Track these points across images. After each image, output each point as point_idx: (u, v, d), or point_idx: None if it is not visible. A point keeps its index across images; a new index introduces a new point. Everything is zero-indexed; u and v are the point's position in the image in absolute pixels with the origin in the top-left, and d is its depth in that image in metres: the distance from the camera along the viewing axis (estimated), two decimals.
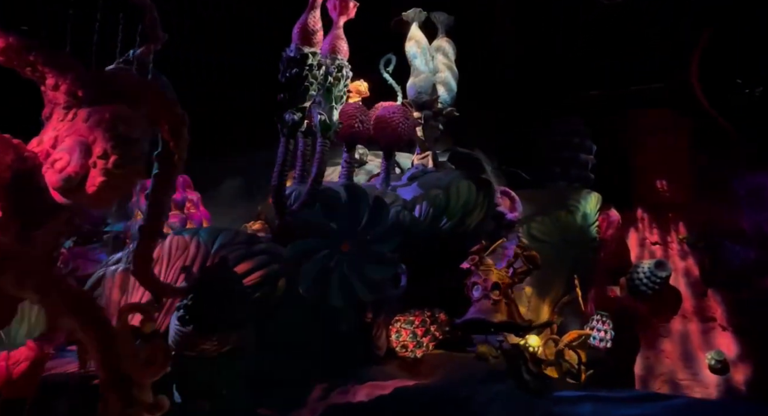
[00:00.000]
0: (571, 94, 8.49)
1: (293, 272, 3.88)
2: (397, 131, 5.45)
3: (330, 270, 3.98)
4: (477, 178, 5.62)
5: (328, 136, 4.76)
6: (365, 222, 4.20)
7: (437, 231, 5.32)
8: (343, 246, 4.08)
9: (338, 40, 4.87)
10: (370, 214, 4.19)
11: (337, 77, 4.76)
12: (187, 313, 3.45)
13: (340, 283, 3.99)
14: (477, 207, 5.49)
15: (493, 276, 5.10)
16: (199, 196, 5.39)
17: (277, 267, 3.80)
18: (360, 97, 5.79)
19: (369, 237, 4.22)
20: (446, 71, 6.23)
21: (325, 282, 3.93)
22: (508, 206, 6.83)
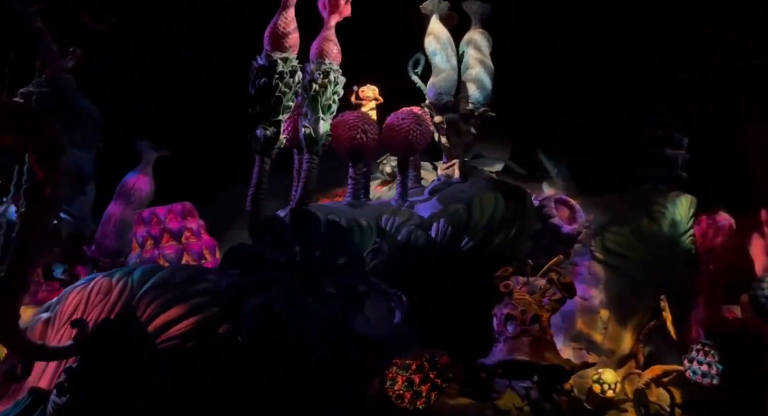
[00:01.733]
0: (652, 80, 7.23)
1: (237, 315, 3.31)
2: (408, 139, 4.77)
3: (278, 311, 3.35)
4: (507, 188, 4.78)
5: (315, 152, 4.21)
6: (320, 251, 3.54)
7: (457, 253, 4.56)
8: (293, 280, 3.44)
9: (326, 43, 4.32)
10: (325, 242, 3.52)
11: (324, 84, 4.20)
12: (68, 380, 2.80)
13: (290, 326, 3.36)
14: (507, 222, 4.65)
15: (532, 307, 4.23)
16: (201, 224, 5.05)
17: (218, 311, 3.24)
18: (374, 104, 5.19)
19: (325, 268, 3.56)
20: (478, 67, 5.44)
21: (271, 326, 3.32)
22: (566, 217, 5.85)
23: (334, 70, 4.27)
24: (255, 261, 3.38)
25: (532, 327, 4.13)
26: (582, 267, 6.42)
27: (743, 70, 7.23)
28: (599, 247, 6.25)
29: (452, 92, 5.10)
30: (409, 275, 4.57)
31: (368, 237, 4.53)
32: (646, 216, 6.31)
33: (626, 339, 6.20)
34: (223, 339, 3.15)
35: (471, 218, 4.57)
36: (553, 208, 5.64)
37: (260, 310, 3.21)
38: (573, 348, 6.15)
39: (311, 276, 3.45)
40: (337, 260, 3.54)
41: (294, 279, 3.40)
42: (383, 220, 4.61)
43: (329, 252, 3.48)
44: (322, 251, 3.49)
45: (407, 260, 4.54)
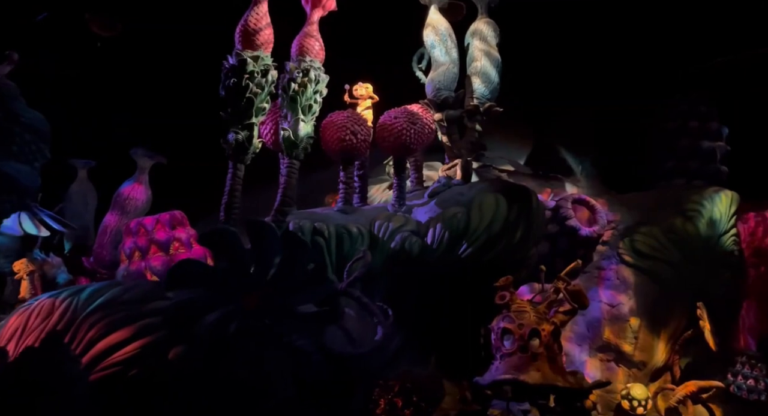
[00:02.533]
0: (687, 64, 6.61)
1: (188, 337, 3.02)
2: (401, 139, 4.45)
3: (232, 334, 3.02)
4: (510, 190, 4.38)
5: (295, 155, 3.94)
6: (277, 268, 3.21)
7: (455, 261, 4.21)
8: (247, 300, 3.13)
9: (307, 39, 4.05)
10: (285, 256, 3.20)
11: (303, 83, 3.93)
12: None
13: (246, 352, 3.03)
14: (510, 227, 4.26)
15: (531, 320, 3.83)
16: (192, 234, 4.83)
17: (168, 334, 2.96)
18: (369, 103, 4.88)
19: (282, 287, 3.23)
20: (483, 59, 5.07)
21: (224, 352, 2.99)
22: (585, 218, 5.40)
23: (315, 67, 3.99)
24: (203, 278, 3.10)
25: (532, 342, 3.73)
26: (609, 271, 5.95)
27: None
28: (628, 250, 5.78)
29: (452, 87, 4.75)
30: (403, 285, 4.26)
31: (359, 245, 4.24)
32: (680, 214, 5.78)
33: (660, 350, 5.70)
34: (173, 367, 2.88)
35: (470, 223, 4.21)
36: (570, 208, 5.21)
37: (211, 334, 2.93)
38: (600, 359, 5.71)
39: (271, 294, 3.15)
40: (299, 275, 3.22)
41: (250, 298, 3.10)
42: (376, 226, 4.31)
43: (290, 267, 3.18)
44: (282, 266, 3.17)
45: (400, 269, 4.23)
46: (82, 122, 6.30)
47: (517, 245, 4.29)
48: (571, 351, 5.75)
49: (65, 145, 6.06)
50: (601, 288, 5.96)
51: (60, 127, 5.58)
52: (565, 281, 3.99)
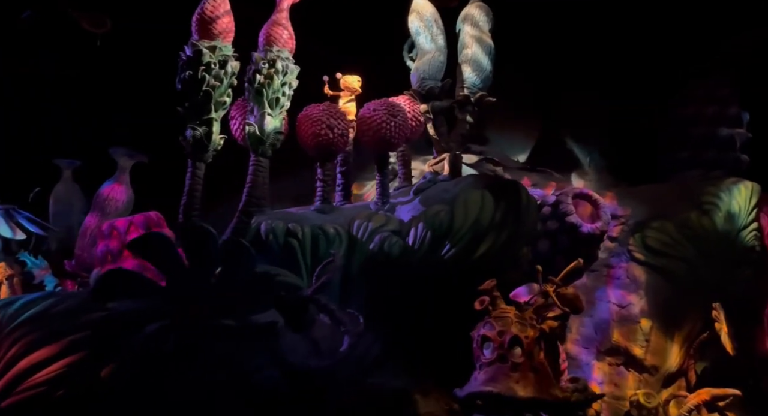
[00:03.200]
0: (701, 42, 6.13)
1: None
2: (380, 133, 4.17)
3: (170, 350, 2.76)
4: (497, 185, 4.07)
5: (262, 153, 3.70)
6: (219, 277, 2.94)
7: (438, 263, 3.92)
8: (187, 313, 2.85)
9: (275, 28, 3.81)
10: (225, 265, 2.93)
11: (269, 75, 3.69)
12: None
13: (186, 370, 2.77)
14: (497, 225, 3.95)
15: (512, 326, 3.52)
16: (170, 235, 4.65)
17: (98, 350, 2.70)
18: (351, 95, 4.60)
19: (227, 297, 2.97)
20: (474, 45, 4.74)
21: (162, 371, 2.72)
22: (587, 214, 5.04)
23: (282, 57, 3.74)
24: (135, 288, 2.86)
25: (513, 351, 3.43)
26: (619, 269, 5.63)
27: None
28: (639, 246, 5.48)
29: (438, 76, 4.45)
30: (383, 288, 3.99)
31: (336, 247, 3.98)
32: (696, 208, 5.43)
33: (673, 354, 5.35)
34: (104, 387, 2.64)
35: (453, 221, 3.92)
36: (570, 204, 4.85)
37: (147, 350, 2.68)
38: (609, 363, 5.40)
39: (214, 306, 2.89)
40: (245, 283, 2.96)
41: (191, 310, 2.85)
42: (355, 227, 4.05)
43: (233, 275, 2.92)
44: (224, 274, 2.91)
45: (380, 271, 3.96)
46: (77, 121, 6.18)
47: (505, 244, 3.98)
48: (577, 354, 5.44)
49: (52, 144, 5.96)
50: (609, 288, 5.63)
51: (47, 125, 5.45)
52: (555, 283, 3.67)
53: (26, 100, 5.91)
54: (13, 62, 5.78)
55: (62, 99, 5.92)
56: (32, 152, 5.63)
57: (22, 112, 5.76)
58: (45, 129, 5.48)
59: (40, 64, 6.07)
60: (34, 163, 5.33)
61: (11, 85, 5.82)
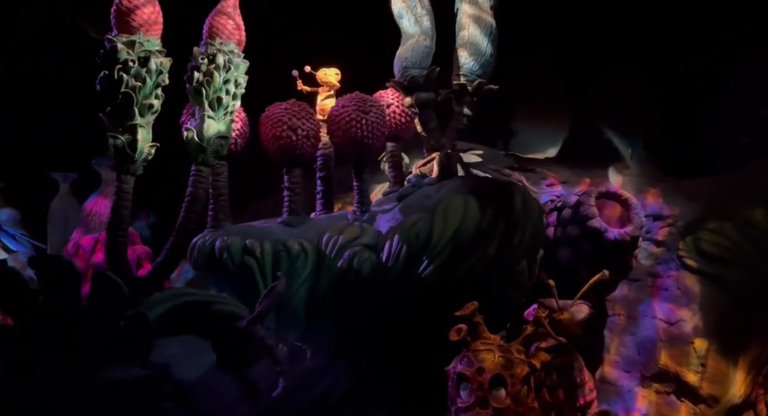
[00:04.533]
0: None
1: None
2: (349, 133, 3.62)
3: (36, 389, 2.30)
4: (486, 189, 3.41)
5: (202, 161, 3.25)
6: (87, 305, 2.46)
7: (416, 282, 3.33)
8: (45, 365, 2.35)
9: (218, 17, 3.36)
10: (90, 303, 2.43)
11: (209, 71, 3.24)
12: None
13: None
14: (483, 235, 3.31)
15: (494, 362, 2.86)
16: (144, 252, 4.32)
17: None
18: (329, 91, 4.08)
19: (96, 328, 2.47)
20: (471, 26, 4.10)
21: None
22: (616, 216, 4.27)
23: (225, 51, 3.27)
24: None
25: (495, 393, 2.77)
26: (667, 279, 4.80)
27: None
28: (690, 251, 4.65)
29: (424, 63, 3.83)
30: (354, 313, 3.45)
31: (301, 266, 3.49)
32: (760, 204, 4.51)
33: (737, 382, 4.47)
34: None
35: (432, 233, 3.31)
36: (592, 205, 4.10)
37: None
38: (656, 391, 4.60)
39: (78, 353, 2.41)
40: (115, 324, 2.48)
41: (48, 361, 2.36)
42: (324, 241, 3.53)
43: (98, 315, 2.45)
44: (90, 314, 2.44)
45: (349, 292, 3.42)
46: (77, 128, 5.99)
47: (496, 258, 3.33)
48: (617, 379, 4.68)
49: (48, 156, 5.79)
50: (656, 301, 4.82)
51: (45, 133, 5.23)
52: (546, 307, 2.99)
53: (26, 103, 5.76)
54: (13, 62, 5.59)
55: (62, 103, 5.74)
56: (31, 163, 5.45)
57: (21, 115, 5.60)
58: (44, 137, 5.28)
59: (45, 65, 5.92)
60: (32, 175, 5.14)
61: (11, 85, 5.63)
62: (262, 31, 5.04)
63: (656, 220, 4.95)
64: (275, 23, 4.91)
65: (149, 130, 3.09)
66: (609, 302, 4.86)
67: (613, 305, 4.91)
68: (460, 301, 3.18)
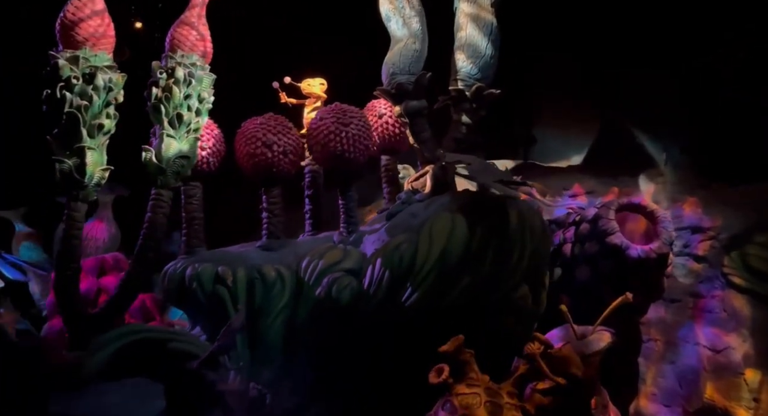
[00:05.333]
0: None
1: None
2: (328, 148, 3.30)
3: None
4: (477, 205, 3.00)
5: (161, 183, 2.99)
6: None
7: (399, 311, 2.96)
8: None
9: (180, 29, 3.12)
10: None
11: (168, 86, 2.99)
12: None
13: None
14: (473, 257, 2.91)
15: (480, 408, 2.45)
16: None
17: None
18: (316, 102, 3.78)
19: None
20: (469, 26, 3.73)
21: None
22: (641, 231, 3.79)
23: (186, 64, 3.02)
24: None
25: None
26: (710, 299, 4.26)
27: None
28: (738, 268, 4.13)
29: (413, 69, 3.47)
30: (333, 345, 3.10)
31: (278, 295, 3.18)
32: None
33: None
34: None
35: (416, 256, 2.94)
36: (611, 219, 3.65)
37: None
38: None
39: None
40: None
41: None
42: (303, 266, 3.21)
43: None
44: None
45: (329, 323, 3.09)
46: None
47: (489, 283, 2.92)
48: (655, 414, 4.16)
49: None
50: (698, 325, 4.27)
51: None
52: (542, 342, 2.55)
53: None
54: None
55: None
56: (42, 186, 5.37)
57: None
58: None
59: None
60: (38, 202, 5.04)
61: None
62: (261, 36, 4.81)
63: (695, 233, 4.39)
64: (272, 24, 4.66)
65: (102, 152, 2.86)
66: (643, 325, 4.34)
67: (648, 329, 4.37)
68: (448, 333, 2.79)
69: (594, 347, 3.41)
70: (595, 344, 3.43)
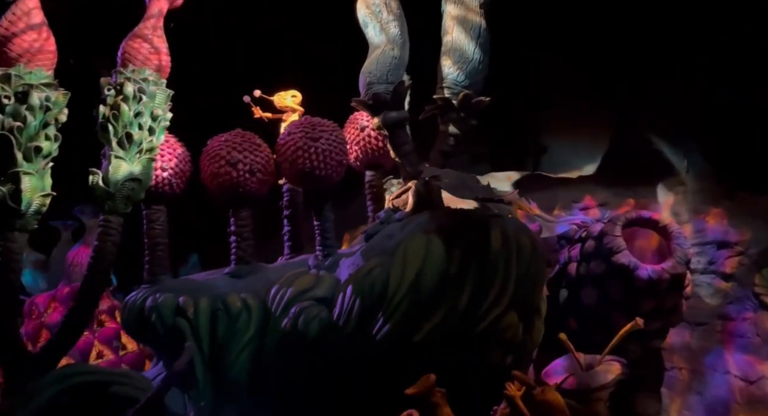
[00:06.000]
0: None
1: None
2: (297, 165, 3.03)
3: None
4: (456, 225, 2.68)
5: (109, 209, 2.76)
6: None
7: (371, 345, 2.65)
8: None
9: (132, 42, 2.91)
10: None
11: (116, 104, 2.78)
12: None
13: None
14: (451, 284, 2.58)
15: None
16: (106, 309, 3.90)
17: None
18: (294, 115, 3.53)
19: None
20: (456, 29, 3.44)
21: None
22: (652, 248, 3.39)
23: (136, 80, 2.79)
24: None
25: None
26: (741, 322, 3.89)
27: None
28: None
29: (393, 77, 3.18)
30: (301, 382, 2.81)
31: (243, 327, 2.91)
32: None
33: None
34: None
35: (388, 283, 2.63)
36: (617, 235, 3.26)
37: None
38: None
39: None
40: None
41: None
42: (271, 294, 2.94)
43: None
44: None
45: (297, 357, 2.80)
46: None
47: (469, 312, 2.58)
48: None
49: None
50: (728, 351, 3.88)
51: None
52: (523, 383, 2.21)
53: None
54: None
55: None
56: None
57: None
58: None
59: None
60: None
61: None
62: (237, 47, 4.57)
63: (721, 248, 3.97)
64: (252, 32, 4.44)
65: (43, 177, 2.64)
66: (666, 352, 3.92)
67: (672, 356, 3.95)
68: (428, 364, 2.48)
69: (601, 380, 3.04)
70: (602, 376, 3.06)
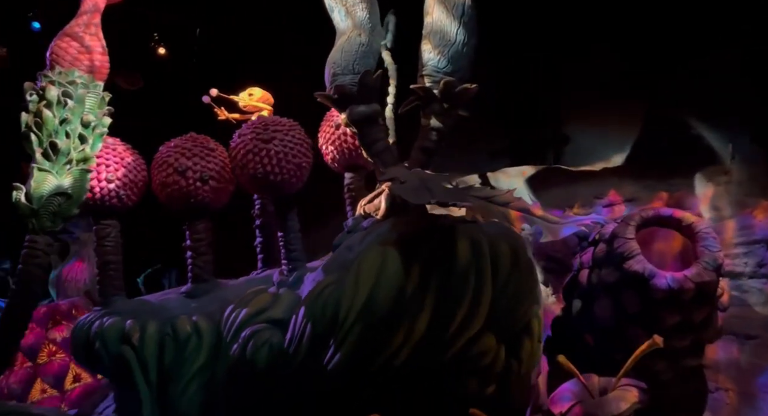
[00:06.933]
0: None
1: None
2: (248, 170, 2.69)
3: None
4: (416, 233, 2.27)
5: (34, 228, 2.51)
6: None
7: (322, 376, 2.27)
8: None
9: (60, 41, 2.66)
10: None
11: (38, 111, 2.53)
12: None
13: None
14: (409, 304, 2.17)
15: None
16: None
17: None
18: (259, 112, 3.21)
19: None
20: (436, 9, 3.01)
21: None
22: (675, 251, 2.85)
23: (62, 83, 2.53)
24: None
25: None
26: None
27: None
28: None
29: (359, 67, 2.78)
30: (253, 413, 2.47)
31: (192, 354, 2.60)
32: None
33: None
34: None
35: (341, 303, 2.25)
36: (631, 238, 2.75)
37: None
38: None
39: None
40: None
41: None
42: (225, 316, 2.62)
43: None
44: None
45: (249, 387, 2.46)
46: None
47: (434, 336, 2.17)
48: None
49: None
50: None
51: None
52: None
53: None
54: None
55: None
56: None
57: None
58: None
59: None
60: None
61: None
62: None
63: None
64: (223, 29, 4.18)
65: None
66: (708, 370, 3.35)
67: (716, 375, 3.37)
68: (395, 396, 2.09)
69: (612, 409, 2.55)
70: (613, 405, 2.57)
